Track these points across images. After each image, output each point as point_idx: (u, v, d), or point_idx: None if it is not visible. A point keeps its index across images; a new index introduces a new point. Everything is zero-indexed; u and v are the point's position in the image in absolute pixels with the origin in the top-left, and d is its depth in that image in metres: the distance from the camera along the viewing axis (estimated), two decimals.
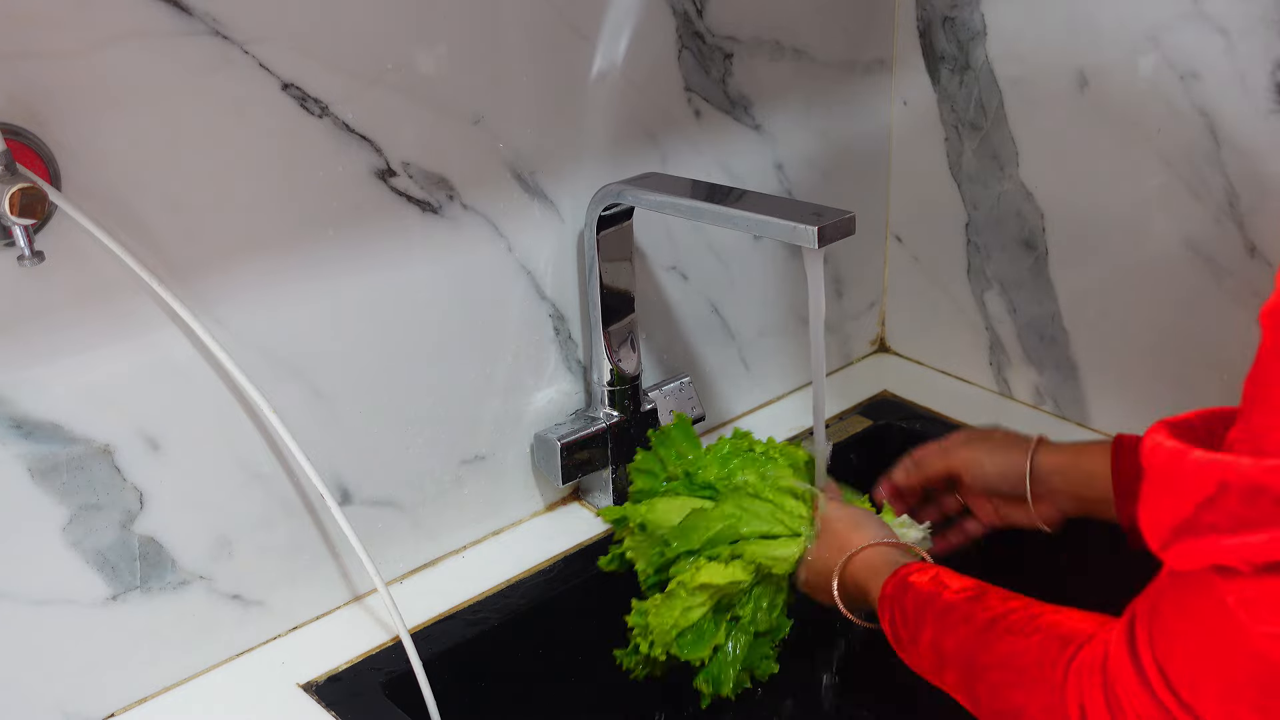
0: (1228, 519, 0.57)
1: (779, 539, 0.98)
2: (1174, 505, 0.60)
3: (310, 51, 0.92)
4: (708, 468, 1.03)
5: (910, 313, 1.46)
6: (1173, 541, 0.60)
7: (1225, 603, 0.59)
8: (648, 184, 1.06)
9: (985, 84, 1.27)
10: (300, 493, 1.02)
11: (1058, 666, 0.72)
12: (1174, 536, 0.60)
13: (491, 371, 1.12)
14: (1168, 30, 1.10)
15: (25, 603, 0.89)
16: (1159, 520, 0.61)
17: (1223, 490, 0.58)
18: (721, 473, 1.02)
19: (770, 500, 0.99)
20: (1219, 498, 0.58)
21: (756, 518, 0.99)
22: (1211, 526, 0.58)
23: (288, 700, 0.98)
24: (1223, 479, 0.57)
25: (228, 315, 0.94)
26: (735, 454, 1.04)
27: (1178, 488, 0.60)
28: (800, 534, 0.98)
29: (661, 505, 1.02)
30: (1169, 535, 0.61)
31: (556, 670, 1.11)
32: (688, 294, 1.25)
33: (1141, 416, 1.25)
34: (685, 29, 1.15)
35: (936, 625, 0.83)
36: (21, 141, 0.81)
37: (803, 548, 0.98)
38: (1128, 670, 0.66)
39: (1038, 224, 1.27)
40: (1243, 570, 0.58)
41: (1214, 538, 0.58)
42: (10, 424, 0.86)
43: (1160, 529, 0.61)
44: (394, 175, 1.00)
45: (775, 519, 0.99)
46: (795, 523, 0.99)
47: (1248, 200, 1.10)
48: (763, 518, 0.99)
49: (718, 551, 0.98)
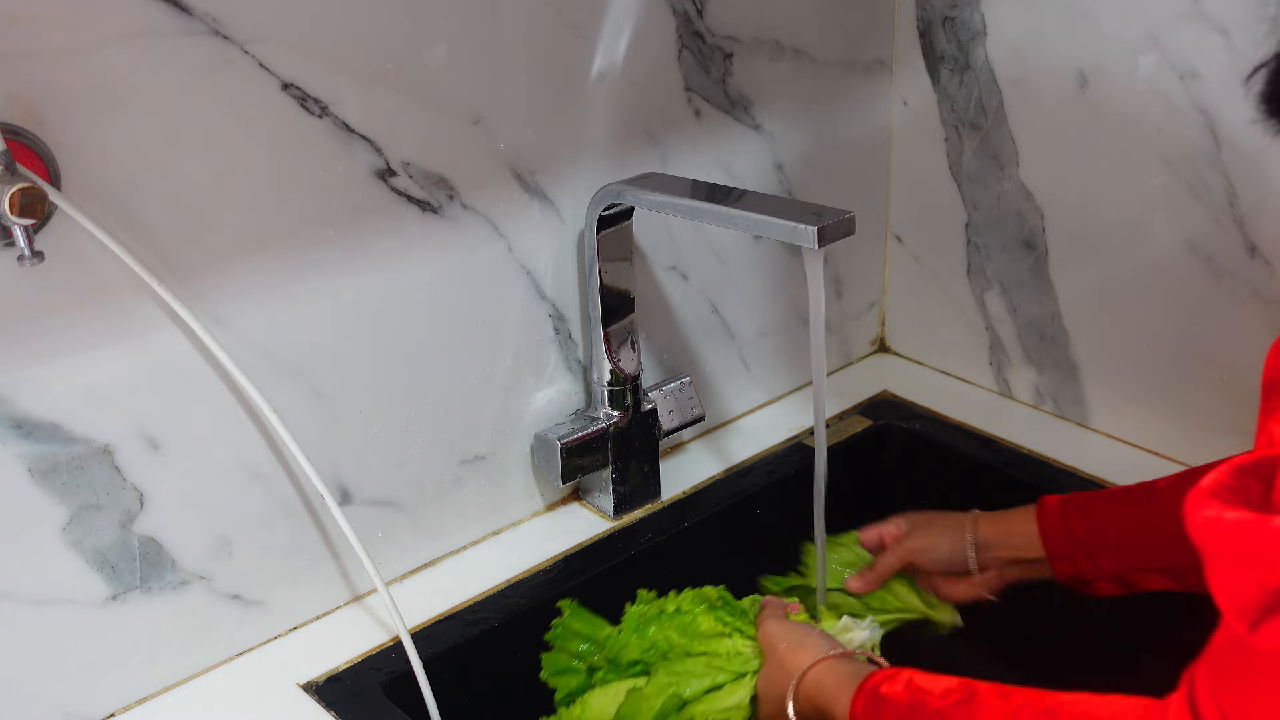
0: None
1: (725, 687, 0.93)
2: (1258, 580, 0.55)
3: (310, 51, 0.92)
4: (629, 646, 0.97)
5: (910, 313, 1.46)
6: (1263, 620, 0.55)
7: None
8: (648, 184, 1.06)
9: (985, 84, 1.27)
10: (300, 493, 1.02)
11: None
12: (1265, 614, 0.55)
13: (491, 371, 1.12)
14: (1168, 30, 1.10)
15: (25, 603, 0.89)
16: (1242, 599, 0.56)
17: None
18: (643, 645, 0.96)
19: (703, 652, 0.94)
20: None
21: (694, 676, 0.93)
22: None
23: (288, 700, 0.98)
24: None
25: (228, 315, 0.94)
26: (648, 621, 0.97)
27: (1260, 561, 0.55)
28: (745, 673, 0.93)
29: (595, 700, 0.97)
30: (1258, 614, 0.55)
31: None
32: (688, 294, 1.25)
33: (1141, 416, 1.26)
34: (685, 29, 1.15)
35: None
36: (21, 141, 0.81)
37: (752, 687, 0.92)
38: None
39: (1038, 224, 1.27)
40: None
41: None
42: (10, 424, 0.86)
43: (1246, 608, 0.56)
44: (394, 175, 1.00)
45: (714, 669, 0.93)
46: (737, 663, 0.94)
47: (1248, 200, 1.10)
48: (700, 673, 0.93)
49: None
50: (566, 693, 1.01)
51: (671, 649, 0.95)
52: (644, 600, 1.00)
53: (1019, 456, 1.27)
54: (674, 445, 1.30)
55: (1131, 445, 1.26)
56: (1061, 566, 1.01)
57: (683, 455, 1.30)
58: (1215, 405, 1.17)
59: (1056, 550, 1.01)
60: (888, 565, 1.09)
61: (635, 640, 0.97)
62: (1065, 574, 1.01)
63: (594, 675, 1.00)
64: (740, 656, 0.94)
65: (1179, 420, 1.22)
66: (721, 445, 1.31)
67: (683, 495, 1.23)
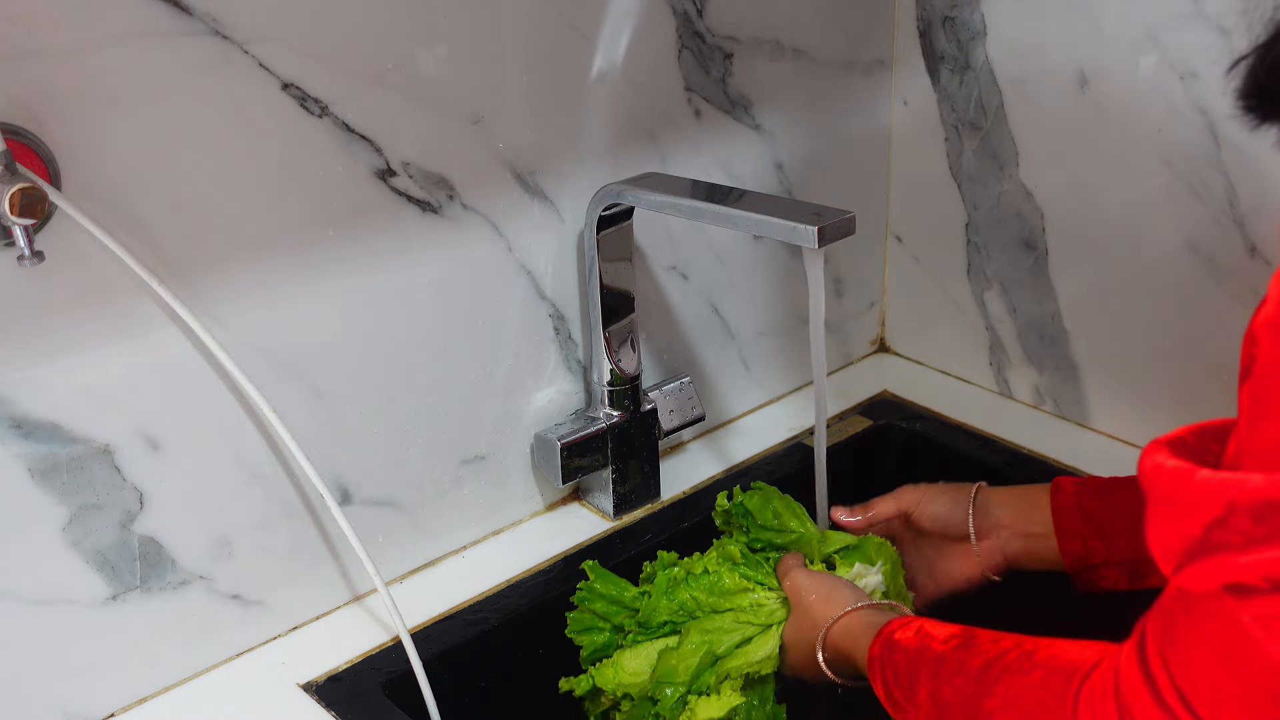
0: (1240, 538, 0.56)
1: (753, 640, 0.96)
2: (1182, 526, 0.59)
3: (310, 51, 0.92)
4: (658, 608, 0.99)
5: (910, 313, 1.46)
6: (1185, 563, 0.59)
7: (1241, 621, 0.58)
8: (648, 184, 1.06)
9: (985, 84, 1.27)
10: (300, 493, 1.02)
11: (1065, 699, 0.70)
12: (1186, 558, 0.59)
13: (491, 371, 1.12)
14: (1168, 30, 1.10)
15: (25, 603, 0.89)
16: (1168, 542, 0.60)
17: (1232, 509, 0.56)
18: (673, 606, 0.99)
19: (730, 608, 0.97)
20: (1229, 517, 0.57)
21: (725, 632, 0.96)
22: (1223, 545, 0.57)
23: (288, 700, 0.98)
24: (1231, 498, 0.56)
25: (228, 315, 0.94)
26: (677, 584, 0.99)
27: (1185, 508, 0.59)
28: (770, 624, 0.96)
29: (629, 660, 0.99)
30: (1180, 557, 0.59)
31: (556, 670, 1.11)
32: (688, 294, 1.25)
33: (1141, 416, 1.26)
34: (685, 29, 1.15)
35: (930, 679, 0.80)
36: (21, 141, 0.81)
37: (779, 637, 0.96)
38: (1144, 695, 0.64)
39: (1038, 224, 1.27)
40: (1260, 587, 0.57)
41: (1227, 557, 0.57)
42: (10, 424, 0.86)
43: (1170, 551, 0.60)
44: (394, 175, 1.00)
45: (742, 623, 0.97)
46: (763, 615, 0.97)
47: (1248, 200, 1.10)
48: (730, 629, 0.96)
49: (704, 682, 0.96)
50: (593, 650, 1.03)
51: (699, 608, 0.98)
52: (665, 562, 1.03)
53: (1019, 456, 1.27)
54: (674, 445, 1.30)
55: (1132, 445, 1.26)
56: (1070, 545, 0.98)
57: (683, 455, 1.30)
58: (1215, 405, 1.17)
59: (1067, 526, 0.99)
60: (883, 509, 1.07)
61: (665, 603, 0.99)
62: (1073, 553, 0.99)
63: (621, 635, 1.02)
64: (765, 609, 0.97)
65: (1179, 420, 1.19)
66: (721, 445, 1.31)
67: (683, 495, 1.23)
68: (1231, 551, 0.57)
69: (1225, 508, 0.57)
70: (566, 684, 1.02)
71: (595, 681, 1.00)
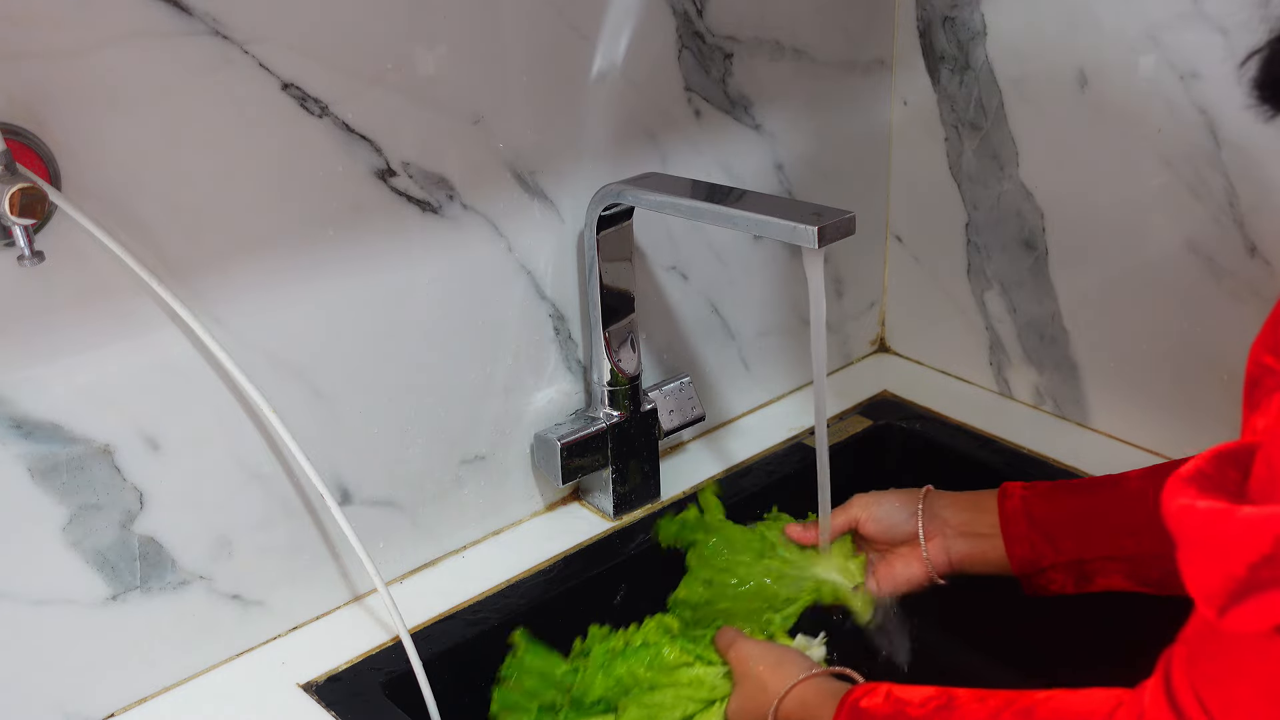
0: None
1: (695, 717, 0.93)
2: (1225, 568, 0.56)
3: (310, 51, 0.92)
4: (593, 684, 0.95)
5: (910, 313, 1.46)
6: (1230, 606, 0.57)
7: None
8: (648, 184, 1.06)
9: (985, 84, 1.27)
10: (300, 493, 1.02)
11: None
12: (1231, 600, 0.57)
13: (491, 371, 1.12)
14: (1168, 30, 1.10)
15: (25, 603, 0.89)
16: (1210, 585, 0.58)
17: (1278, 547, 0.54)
18: (609, 682, 0.95)
19: (670, 684, 0.94)
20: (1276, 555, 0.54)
21: (665, 709, 0.93)
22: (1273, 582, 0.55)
23: (288, 700, 0.98)
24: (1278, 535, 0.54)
25: (227, 315, 0.94)
26: (614, 657, 0.96)
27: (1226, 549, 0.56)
28: (714, 699, 0.93)
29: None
30: (1225, 599, 0.57)
31: None
32: (688, 294, 1.25)
33: (1141, 416, 1.26)
34: (685, 29, 1.15)
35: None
36: (21, 141, 0.81)
37: (721, 713, 0.92)
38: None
39: (1038, 224, 1.27)
40: None
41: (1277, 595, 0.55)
42: (10, 424, 0.86)
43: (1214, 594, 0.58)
44: (394, 175, 1.00)
45: (683, 699, 0.93)
46: (704, 691, 0.94)
47: (1248, 200, 1.10)
48: (670, 705, 0.93)
49: None
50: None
51: (637, 683, 0.95)
52: (597, 637, 0.99)
53: (1019, 456, 1.27)
54: (674, 445, 1.30)
55: (1131, 445, 1.26)
56: (1018, 550, 0.97)
57: (683, 455, 1.30)
58: (1215, 405, 1.17)
59: (1014, 531, 0.98)
60: (835, 522, 1.06)
61: (601, 679, 0.96)
62: (1020, 558, 0.98)
63: (551, 714, 0.98)
64: (706, 684, 0.94)
65: (1179, 420, 1.22)
66: (721, 445, 1.31)
67: (682, 495, 1.23)
68: None
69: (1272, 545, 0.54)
70: None
71: None
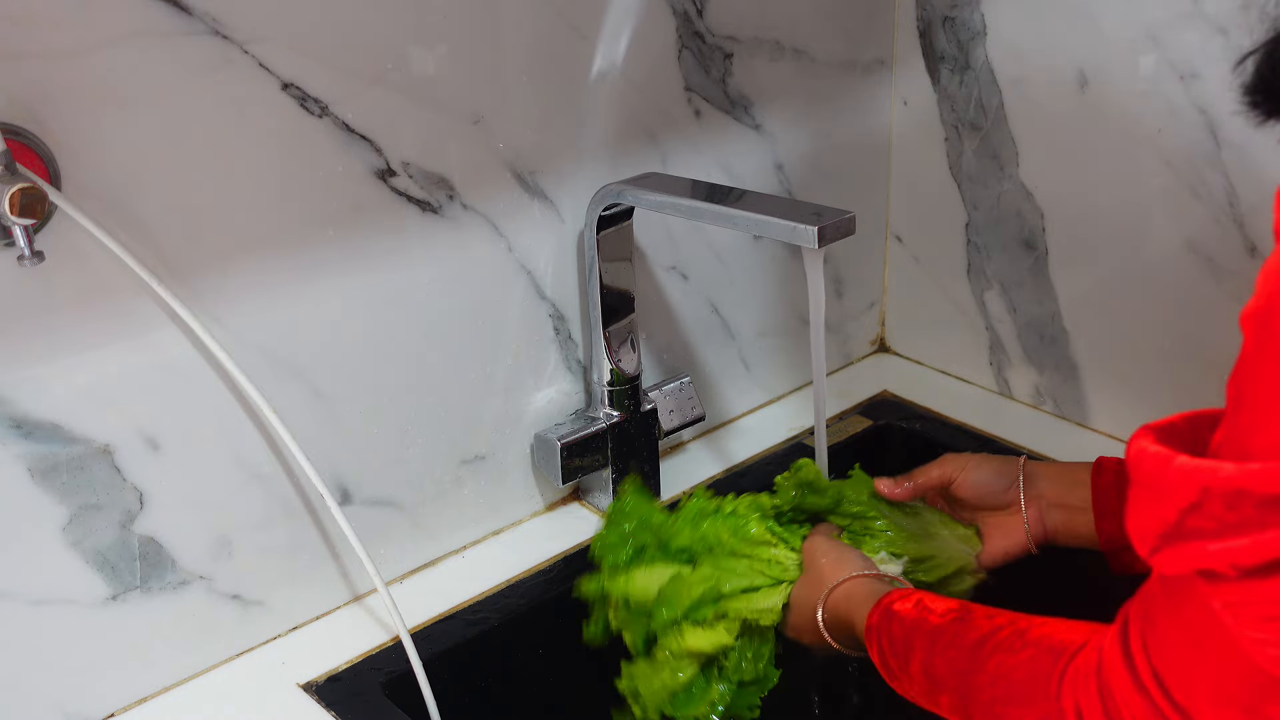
0: (1212, 524, 0.58)
1: (761, 590, 0.97)
2: (1159, 511, 0.60)
3: (310, 51, 0.92)
4: (680, 533, 1.01)
5: (910, 313, 1.46)
6: (1160, 547, 0.61)
7: (1212, 607, 0.60)
8: (648, 184, 1.06)
9: (985, 84, 1.27)
10: (300, 493, 1.02)
11: (1051, 678, 0.72)
12: (1161, 542, 0.61)
13: (491, 371, 1.12)
14: (1168, 30, 1.10)
15: (25, 603, 0.89)
16: (1146, 526, 0.62)
17: (1206, 496, 0.58)
18: (695, 535, 1.00)
19: (747, 555, 0.98)
20: (1202, 503, 0.58)
21: (736, 574, 0.97)
22: (1196, 532, 0.58)
23: (288, 700, 0.98)
24: (1205, 484, 0.57)
25: (227, 315, 0.94)
26: (704, 516, 1.01)
27: (1163, 494, 0.60)
28: (782, 581, 0.97)
29: (640, 576, 1.00)
30: (1156, 541, 0.61)
31: (556, 670, 1.11)
32: (688, 294, 1.25)
33: (1142, 416, 1.25)
34: (685, 29, 1.15)
35: (925, 651, 0.82)
36: (21, 141, 0.81)
37: (786, 594, 0.96)
38: (1123, 675, 0.66)
39: (1038, 224, 1.28)
40: (1228, 575, 0.58)
41: (1199, 543, 0.58)
42: (10, 424, 0.86)
43: (1147, 535, 0.62)
44: (394, 175, 1.00)
45: (755, 572, 0.97)
46: (776, 570, 0.97)
47: (1248, 200, 1.10)
48: (742, 573, 0.97)
49: (702, 614, 0.96)
50: (613, 564, 1.03)
51: (719, 545, 0.99)
52: (701, 496, 1.03)
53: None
54: (674, 445, 1.30)
55: None
56: (1106, 525, 0.98)
57: (683, 455, 1.30)
58: (1215, 404, 1.17)
59: (1105, 507, 0.98)
60: (926, 478, 1.05)
61: (688, 530, 1.00)
62: (1108, 533, 0.98)
63: (641, 554, 1.02)
64: (781, 565, 0.98)
65: None
66: (721, 445, 1.31)
67: (683, 495, 1.23)
68: (1204, 538, 0.58)
69: (1200, 494, 0.58)
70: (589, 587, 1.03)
71: (604, 586, 1.01)
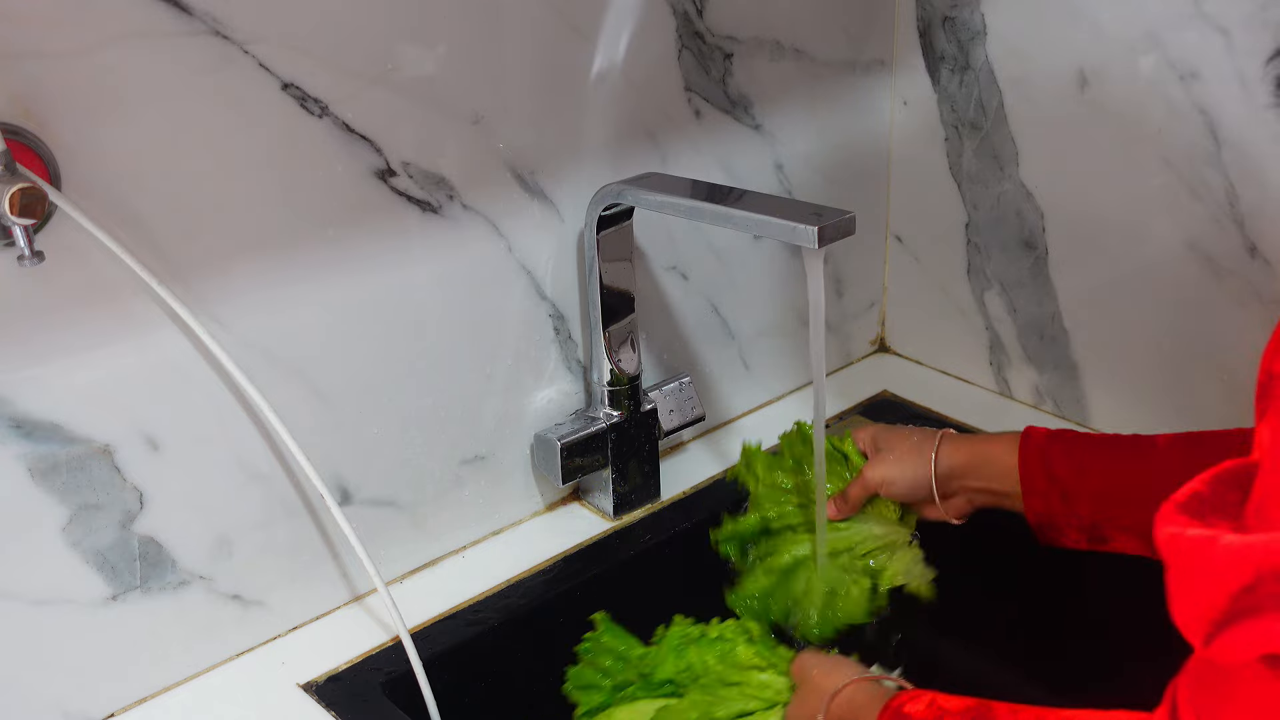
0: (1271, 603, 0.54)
1: (755, 715, 0.93)
2: (1208, 597, 0.56)
3: (310, 51, 0.92)
4: (664, 663, 0.96)
5: (910, 313, 1.46)
6: (1215, 635, 0.57)
7: None
8: (648, 184, 1.06)
9: (985, 84, 1.27)
10: (300, 493, 1.02)
11: None
12: (1214, 629, 0.57)
13: (491, 371, 1.12)
14: (1168, 30, 1.10)
15: (25, 603, 0.89)
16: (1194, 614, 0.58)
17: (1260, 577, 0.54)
18: (680, 665, 0.95)
19: (738, 681, 0.94)
20: (1258, 585, 0.54)
21: (727, 701, 0.94)
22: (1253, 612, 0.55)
23: (288, 700, 0.98)
24: (1259, 564, 0.54)
25: (228, 315, 0.94)
26: (689, 643, 0.96)
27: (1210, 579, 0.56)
28: (776, 704, 0.94)
29: (623, 716, 0.97)
30: (1209, 628, 0.57)
31: (557, 670, 1.11)
32: (688, 294, 1.25)
33: (1141, 416, 1.26)
34: (685, 29, 1.15)
35: None
36: (21, 141, 0.81)
37: (782, 715, 0.93)
38: None
39: (1038, 224, 1.28)
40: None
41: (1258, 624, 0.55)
42: (10, 424, 0.86)
43: (1198, 623, 0.58)
44: (394, 175, 1.00)
45: (747, 696, 0.94)
46: (768, 694, 0.94)
47: (1248, 200, 1.10)
48: (733, 700, 0.94)
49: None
50: (588, 709, 0.99)
51: (706, 673, 0.95)
52: (681, 623, 0.99)
53: None
54: (674, 445, 1.30)
55: None
56: (1034, 504, 0.98)
57: (683, 455, 1.30)
58: (1215, 405, 1.17)
59: (1032, 486, 0.98)
60: (856, 496, 1.08)
61: (672, 660, 0.96)
62: (1036, 513, 0.99)
63: (619, 691, 0.99)
64: (771, 688, 0.94)
65: (1179, 420, 1.21)
66: (721, 445, 1.31)
67: (683, 495, 1.23)
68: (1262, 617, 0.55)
69: (1254, 575, 0.54)
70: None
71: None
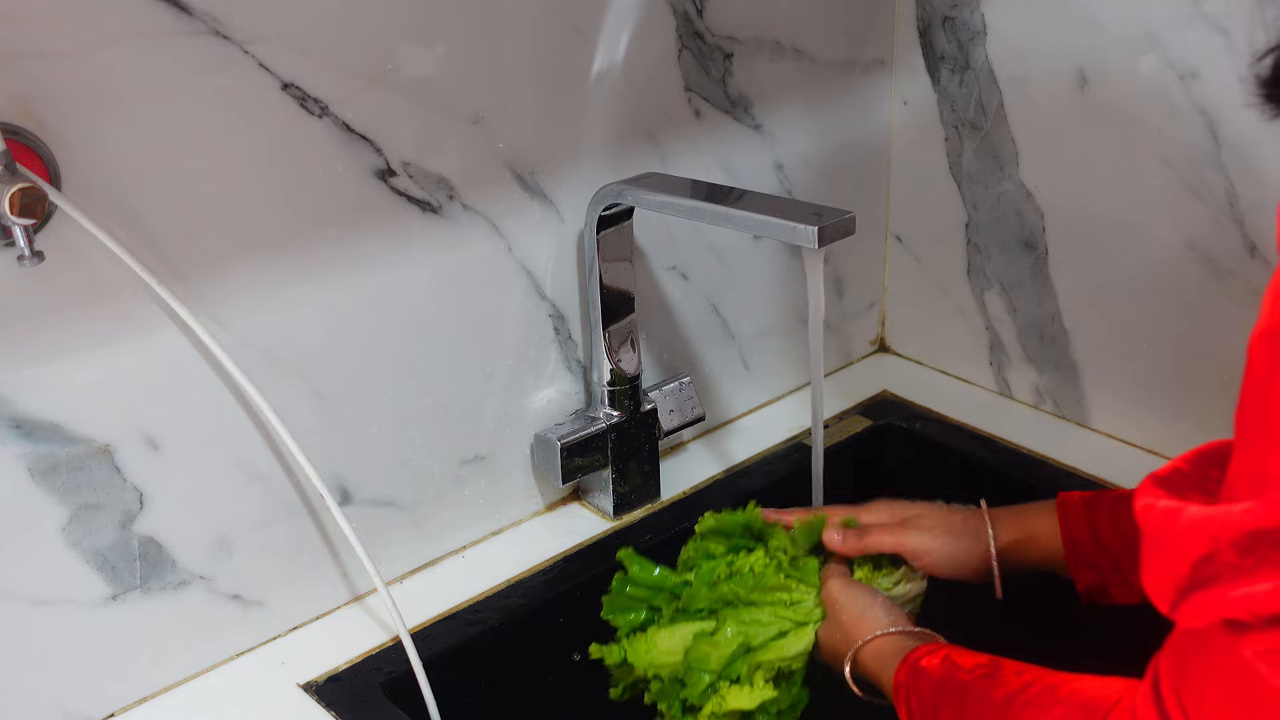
0: (1228, 571, 0.56)
1: (789, 634, 0.97)
2: (1173, 566, 0.59)
3: (310, 51, 0.92)
4: (698, 597, 0.99)
5: (910, 313, 1.46)
6: (1179, 601, 0.59)
7: (1244, 656, 0.58)
8: (648, 184, 1.06)
9: (985, 84, 1.27)
10: (300, 493, 1.02)
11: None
12: (1179, 596, 0.59)
13: (491, 371, 1.12)
14: (1168, 30, 1.10)
15: (25, 603, 0.89)
16: (1162, 583, 0.61)
17: (1217, 545, 0.56)
18: (713, 596, 0.99)
19: (770, 602, 0.98)
20: (1215, 553, 0.57)
21: (762, 625, 0.97)
22: (1211, 581, 0.57)
23: (288, 700, 0.98)
24: (1215, 533, 0.56)
25: (228, 315, 0.94)
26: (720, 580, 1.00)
27: (1174, 549, 0.59)
28: (807, 622, 0.97)
29: (663, 639, 0.99)
30: (1174, 595, 0.60)
31: (557, 670, 1.11)
32: (688, 294, 1.25)
33: (1141, 416, 1.26)
34: (685, 29, 1.15)
35: (954, 708, 0.81)
36: (21, 141, 0.81)
37: (814, 634, 0.97)
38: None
39: (1038, 224, 1.27)
40: (1252, 622, 0.57)
41: (1216, 592, 0.57)
42: (10, 424, 0.86)
43: (1165, 591, 0.60)
44: (394, 175, 1.00)
45: (779, 617, 0.98)
46: (799, 613, 0.98)
47: (1248, 200, 1.10)
48: (766, 621, 0.97)
49: (736, 671, 0.96)
50: (629, 629, 1.02)
51: (739, 599, 0.99)
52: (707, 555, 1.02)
53: (1019, 456, 1.27)
54: (674, 445, 1.30)
55: (1131, 445, 1.26)
56: (1085, 575, 0.96)
57: (683, 455, 1.30)
58: (1215, 405, 1.17)
59: (1082, 557, 0.96)
60: (877, 545, 1.01)
61: (705, 593, 1.00)
62: (1088, 583, 0.97)
63: (658, 615, 1.02)
64: (802, 606, 0.98)
65: (1179, 420, 1.22)
66: (721, 445, 1.31)
67: (683, 495, 1.23)
68: (1220, 585, 0.57)
69: (1210, 544, 0.57)
70: (598, 651, 1.00)
71: (628, 654, 0.99)
